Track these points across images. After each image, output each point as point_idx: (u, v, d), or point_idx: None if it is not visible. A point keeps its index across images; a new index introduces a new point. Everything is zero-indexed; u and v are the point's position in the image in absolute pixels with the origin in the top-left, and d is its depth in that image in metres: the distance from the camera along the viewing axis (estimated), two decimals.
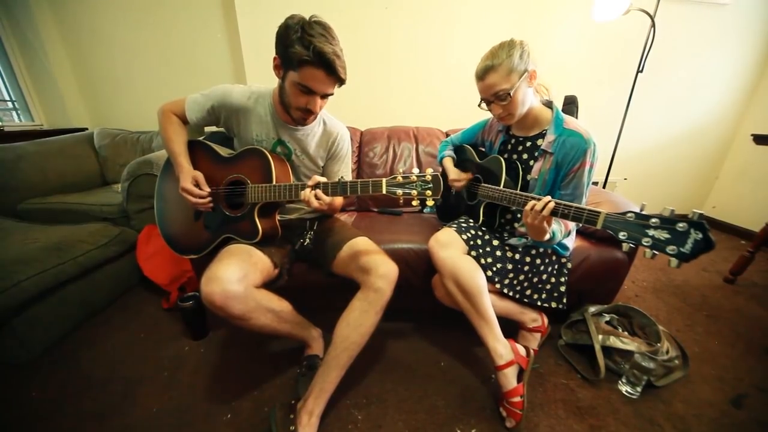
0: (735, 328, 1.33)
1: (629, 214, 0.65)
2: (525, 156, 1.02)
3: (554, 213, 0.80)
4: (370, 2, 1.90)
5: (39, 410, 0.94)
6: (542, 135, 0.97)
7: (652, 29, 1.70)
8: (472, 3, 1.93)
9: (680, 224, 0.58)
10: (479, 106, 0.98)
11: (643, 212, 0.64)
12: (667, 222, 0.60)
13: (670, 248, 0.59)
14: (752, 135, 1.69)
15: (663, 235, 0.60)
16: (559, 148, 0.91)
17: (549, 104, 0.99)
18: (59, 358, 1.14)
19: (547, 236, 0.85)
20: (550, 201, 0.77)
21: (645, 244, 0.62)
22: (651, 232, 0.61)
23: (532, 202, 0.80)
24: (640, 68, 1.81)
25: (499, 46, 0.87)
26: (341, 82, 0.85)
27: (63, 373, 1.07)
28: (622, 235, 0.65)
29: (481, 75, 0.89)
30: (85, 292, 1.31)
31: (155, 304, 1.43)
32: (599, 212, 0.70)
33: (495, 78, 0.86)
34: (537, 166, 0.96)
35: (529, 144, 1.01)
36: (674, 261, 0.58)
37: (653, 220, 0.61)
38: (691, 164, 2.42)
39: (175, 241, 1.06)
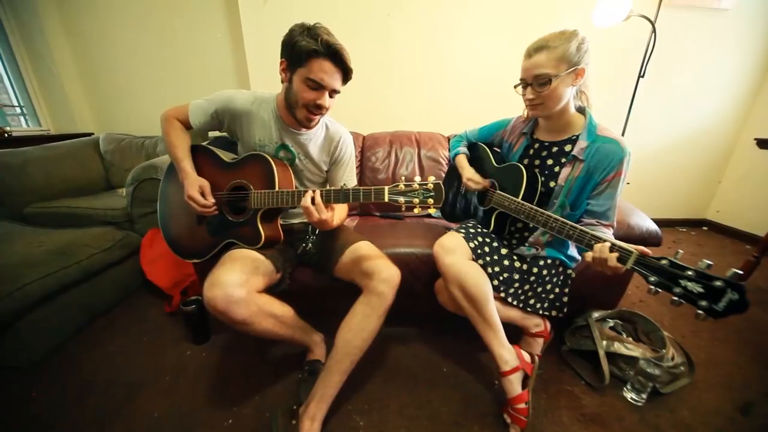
0: (741, 334, 1.31)
1: (663, 261, 0.62)
2: (549, 162, 0.96)
3: (579, 240, 0.77)
4: (372, 10, 1.93)
5: (40, 414, 0.94)
6: (571, 141, 0.92)
7: (653, 35, 1.70)
8: (473, 10, 1.96)
9: (717, 282, 0.55)
10: (515, 88, 0.91)
11: (679, 262, 0.61)
12: (704, 278, 0.57)
13: (702, 303, 0.56)
14: (756, 139, 1.68)
15: (696, 288, 0.57)
16: (593, 155, 0.87)
17: (582, 110, 0.94)
18: (61, 361, 1.14)
19: (624, 269, 0.72)
20: (605, 243, 0.71)
21: (675, 292, 0.60)
22: (684, 283, 0.59)
23: (590, 254, 0.73)
24: (642, 73, 1.82)
25: (561, 32, 0.83)
26: (347, 74, 0.87)
27: (65, 377, 1.07)
28: (652, 280, 0.63)
29: (531, 52, 0.83)
30: (89, 295, 1.32)
31: (158, 308, 1.43)
32: (631, 252, 0.67)
33: (543, 59, 0.80)
34: (564, 173, 0.91)
35: (555, 149, 0.95)
36: (702, 315, 0.56)
37: (689, 272, 0.59)
38: (694, 168, 2.41)
39: (178, 245, 1.07)
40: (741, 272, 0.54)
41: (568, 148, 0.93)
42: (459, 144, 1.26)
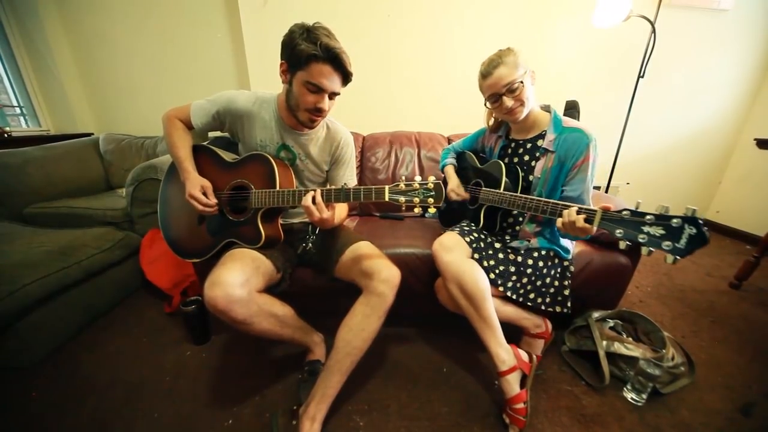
0: (742, 334, 1.31)
1: (625, 212, 0.67)
2: (526, 158, 1.04)
3: (553, 213, 0.82)
4: (372, 10, 1.93)
5: (41, 415, 0.94)
6: (542, 136, 1.00)
7: (653, 35, 1.71)
8: (473, 10, 1.96)
9: (674, 220, 0.59)
10: (485, 105, 1.01)
11: (639, 210, 0.65)
12: (662, 219, 0.61)
13: (666, 244, 0.60)
14: (755, 139, 1.68)
15: (658, 231, 0.62)
16: (561, 145, 0.94)
17: (547, 108, 1.02)
18: (61, 361, 1.14)
19: (594, 228, 0.79)
20: (572, 208, 0.78)
21: (641, 240, 0.64)
22: (646, 229, 0.63)
23: (559, 221, 0.80)
24: (641, 73, 1.82)
25: (500, 50, 0.93)
26: (347, 78, 0.88)
27: (65, 378, 1.07)
28: (618, 233, 0.67)
29: (490, 70, 0.92)
30: (89, 296, 1.32)
31: (157, 308, 1.43)
32: (596, 210, 0.72)
33: (504, 70, 0.90)
34: (539, 165, 0.98)
35: (529, 146, 1.03)
36: (670, 257, 0.60)
37: (648, 217, 0.63)
38: (693, 169, 2.41)
39: (179, 245, 1.07)
40: (695, 208, 0.57)
41: (540, 143, 1.00)
42: (447, 156, 1.34)
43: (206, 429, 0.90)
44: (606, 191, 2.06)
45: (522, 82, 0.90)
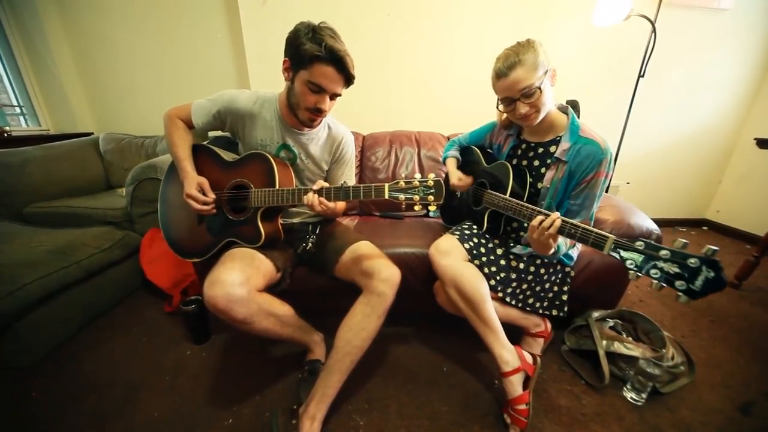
0: (741, 333, 1.31)
1: (639, 243, 0.62)
2: (536, 163, 0.98)
3: (560, 231, 0.77)
4: (372, 10, 1.93)
5: (41, 414, 0.94)
6: (556, 142, 0.94)
7: (653, 34, 1.70)
8: (473, 10, 1.95)
9: (692, 260, 0.54)
10: (497, 108, 0.94)
11: (654, 242, 0.61)
12: (678, 256, 0.57)
13: (679, 283, 0.56)
14: (755, 139, 1.69)
15: (672, 268, 0.57)
16: (574, 157, 0.88)
17: (564, 109, 0.96)
18: (61, 361, 1.14)
19: (552, 250, 0.83)
20: (557, 218, 0.75)
21: (653, 276, 0.59)
22: (660, 264, 0.59)
23: (539, 218, 0.78)
24: (642, 73, 1.82)
25: (519, 45, 0.84)
26: (350, 80, 0.88)
27: (65, 377, 1.07)
28: (629, 264, 0.63)
29: (506, 72, 0.83)
30: (89, 295, 1.32)
31: (157, 307, 1.43)
32: (607, 237, 0.66)
33: (522, 73, 0.81)
34: (549, 175, 0.93)
35: (541, 150, 0.97)
36: (683, 297, 0.56)
37: (663, 252, 0.58)
38: (694, 168, 2.41)
39: (179, 245, 1.07)
40: (716, 248, 0.53)
41: (552, 149, 0.94)
42: (450, 148, 1.28)
43: (206, 428, 0.90)
44: (606, 191, 2.06)
45: (540, 87, 0.82)
